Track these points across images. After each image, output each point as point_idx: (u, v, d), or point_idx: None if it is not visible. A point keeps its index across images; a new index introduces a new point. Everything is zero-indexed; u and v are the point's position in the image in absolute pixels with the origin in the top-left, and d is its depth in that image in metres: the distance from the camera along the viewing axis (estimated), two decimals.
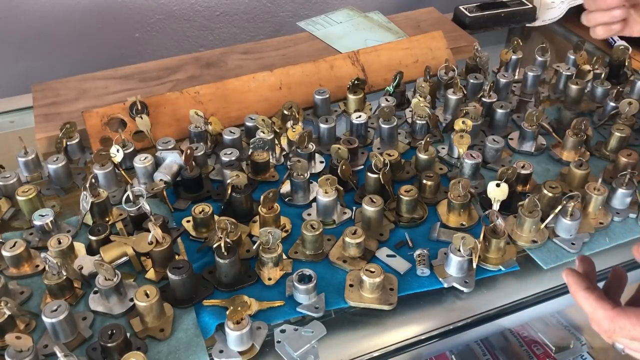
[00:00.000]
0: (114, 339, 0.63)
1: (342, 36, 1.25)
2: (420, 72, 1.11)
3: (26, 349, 0.61)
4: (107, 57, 1.29)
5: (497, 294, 0.75)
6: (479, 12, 1.33)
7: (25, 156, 0.91)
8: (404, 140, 1.00)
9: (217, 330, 0.69)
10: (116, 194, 0.88)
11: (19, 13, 1.19)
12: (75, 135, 0.95)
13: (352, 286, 0.74)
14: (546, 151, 0.98)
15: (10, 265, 0.76)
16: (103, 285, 0.70)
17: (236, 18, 1.39)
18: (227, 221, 0.75)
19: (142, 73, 1.14)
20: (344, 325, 0.71)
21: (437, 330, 0.71)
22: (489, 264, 0.77)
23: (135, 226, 0.80)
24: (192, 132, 0.96)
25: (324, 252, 0.79)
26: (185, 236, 0.82)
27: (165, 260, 0.75)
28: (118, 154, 0.89)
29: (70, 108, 1.04)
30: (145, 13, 1.29)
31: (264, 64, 1.16)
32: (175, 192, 0.89)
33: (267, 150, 0.92)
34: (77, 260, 0.76)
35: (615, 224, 0.85)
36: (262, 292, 0.74)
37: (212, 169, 0.94)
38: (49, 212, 0.80)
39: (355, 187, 0.89)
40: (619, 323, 0.54)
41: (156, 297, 0.68)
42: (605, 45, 1.29)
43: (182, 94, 1.01)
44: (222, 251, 0.73)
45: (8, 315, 0.66)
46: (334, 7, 1.45)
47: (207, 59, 1.18)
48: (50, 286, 0.71)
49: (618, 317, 0.54)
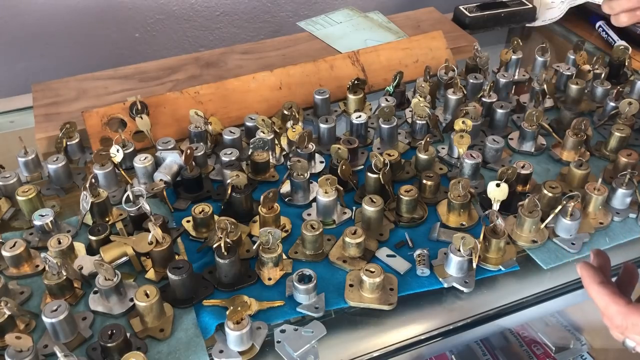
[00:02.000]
0: (114, 339, 0.63)
1: (342, 36, 1.25)
2: (420, 72, 1.11)
3: (26, 349, 0.61)
4: (107, 57, 1.29)
5: (497, 294, 0.75)
6: (479, 12, 1.33)
7: (25, 156, 0.91)
8: (404, 140, 1.00)
9: (217, 330, 0.69)
10: (116, 194, 0.88)
11: (19, 13, 1.19)
12: (75, 135, 0.95)
13: (352, 286, 0.74)
14: (546, 151, 0.98)
15: (10, 265, 0.76)
16: (103, 285, 0.70)
17: (236, 18, 1.39)
18: (227, 221, 0.75)
19: (142, 73, 1.14)
20: (344, 325, 0.71)
21: (437, 330, 0.71)
22: (489, 264, 0.77)
23: (135, 226, 0.80)
24: (192, 132, 0.96)
25: (324, 252, 0.79)
26: (185, 236, 0.82)
27: (165, 260, 0.75)
28: (118, 154, 0.89)
29: (70, 108, 1.04)
30: (145, 13, 1.29)
31: (264, 64, 1.16)
32: (175, 192, 0.89)
33: (267, 150, 0.92)
34: (77, 260, 0.76)
35: (615, 224, 0.85)
36: (262, 292, 0.74)
37: (212, 169, 0.94)
38: (49, 212, 0.80)
39: (355, 187, 0.89)
40: (632, 319, 0.54)
41: (156, 297, 0.68)
42: (605, 45, 1.29)
43: (182, 94, 1.01)
44: (222, 251, 0.73)
45: (8, 315, 0.66)
46: (334, 7, 1.45)
47: (207, 59, 1.18)
48: (50, 286, 0.71)
49: (631, 314, 0.54)
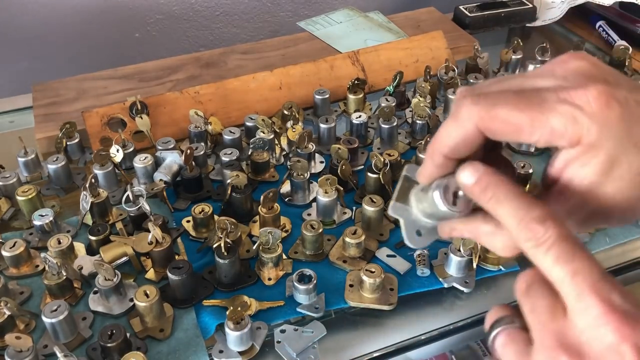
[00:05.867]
0: (113, 339, 0.63)
1: (342, 36, 1.25)
2: (420, 72, 1.11)
3: (26, 349, 0.61)
4: (106, 57, 1.29)
5: (497, 294, 0.75)
6: (479, 12, 1.33)
7: (25, 156, 0.91)
8: (404, 140, 1.00)
9: (217, 331, 0.69)
10: (116, 194, 0.88)
11: (19, 13, 1.19)
12: (75, 135, 0.95)
13: (352, 286, 0.74)
14: (546, 151, 0.98)
15: (10, 265, 0.76)
16: (103, 286, 0.70)
17: (236, 18, 1.39)
18: (227, 221, 0.75)
19: (142, 73, 1.13)
20: (344, 325, 0.71)
21: (437, 331, 0.71)
22: (489, 264, 0.77)
23: (135, 226, 0.80)
24: (192, 132, 0.96)
25: (324, 252, 0.79)
26: (185, 236, 0.82)
27: (165, 261, 0.75)
28: (118, 154, 0.89)
29: (70, 108, 1.04)
30: (145, 13, 1.29)
31: (264, 63, 1.16)
32: (175, 192, 0.89)
33: (267, 150, 0.92)
34: (77, 261, 0.76)
35: None
36: (262, 292, 0.74)
37: (212, 169, 0.94)
38: (49, 212, 0.80)
39: (355, 187, 0.89)
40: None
41: (156, 297, 0.68)
42: (606, 45, 1.29)
43: (182, 94, 1.01)
44: (222, 251, 0.73)
45: (8, 315, 0.66)
46: (334, 7, 1.45)
47: (207, 58, 1.18)
48: (50, 286, 0.71)
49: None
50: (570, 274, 0.35)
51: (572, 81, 0.40)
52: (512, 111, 0.39)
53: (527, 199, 0.37)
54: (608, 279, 0.34)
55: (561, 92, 0.39)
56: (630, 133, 0.38)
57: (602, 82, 0.39)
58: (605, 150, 0.38)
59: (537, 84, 0.40)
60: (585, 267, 0.35)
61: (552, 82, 0.40)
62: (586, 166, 0.39)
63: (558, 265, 0.35)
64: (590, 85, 0.38)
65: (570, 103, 0.38)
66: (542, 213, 0.36)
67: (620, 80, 0.40)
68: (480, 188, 0.39)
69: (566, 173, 0.40)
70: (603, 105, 0.38)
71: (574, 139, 0.38)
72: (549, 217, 0.36)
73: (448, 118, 0.42)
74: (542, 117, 0.38)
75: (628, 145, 0.38)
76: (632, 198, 0.39)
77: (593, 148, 0.38)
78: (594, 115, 0.38)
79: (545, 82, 0.40)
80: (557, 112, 0.38)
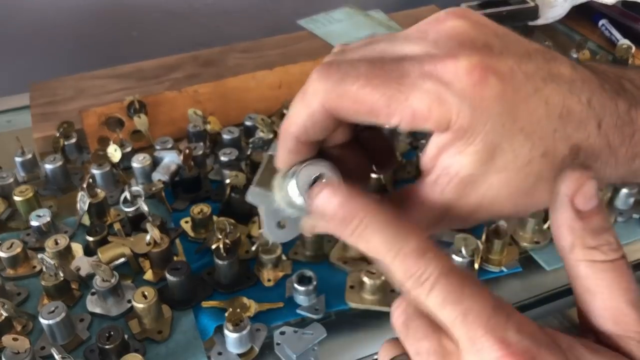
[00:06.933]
0: (111, 340, 0.63)
1: (343, 34, 1.24)
2: None
3: (23, 350, 0.61)
4: (104, 55, 1.28)
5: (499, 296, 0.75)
6: (481, 11, 1.32)
7: (23, 156, 0.90)
8: (405, 139, 0.99)
9: (216, 332, 0.68)
10: (114, 194, 0.87)
11: (15, 12, 1.18)
12: (73, 135, 0.94)
13: (353, 287, 0.73)
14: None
15: (7, 266, 0.75)
16: (101, 287, 0.69)
17: (235, 16, 1.38)
18: (226, 222, 0.74)
19: (140, 72, 1.13)
20: (344, 327, 0.71)
21: None
22: (491, 265, 0.77)
23: (133, 227, 0.79)
24: (190, 131, 0.95)
25: (324, 253, 0.78)
26: (184, 237, 0.81)
27: (164, 261, 0.74)
28: (116, 154, 0.88)
29: (68, 107, 1.03)
30: (143, 11, 1.28)
31: (263, 62, 1.15)
32: (173, 193, 0.88)
33: (266, 150, 0.92)
34: (75, 261, 0.75)
35: (619, 224, 0.84)
36: (262, 294, 0.73)
37: (211, 168, 0.93)
38: (46, 213, 0.79)
39: None
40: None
41: (154, 299, 0.67)
42: (609, 43, 1.29)
43: (180, 93, 1.00)
44: (221, 252, 0.72)
45: (5, 316, 0.65)
46: (334, 5, 1.44)
47: (206, 57, 1.17)
48: (47, 287, 0.70)
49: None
50: (461, 316, 0.29)
51: (443, 48, 0.32)
52: (363, 88, 0.31)
53: (402, 226, 0.30)
54: (501, 312, 0.30)
55: (427, 63, 0.31)
56: (515, 116, 0.31)
57: (480, 49, 0.31)
58: (482, 136, 0.31)
59: (403, 50, 0.33)
60: (476, 304, 0.30)
61: (421, 48, 0.33)
62: (461, 155, 0.32)
63: (446, 308, 0.29)
64: (462, 54, 0.31)
65: (436, 78, 0.31)
66: (421, 243, 0.30)
67: (509, 46, 0.32)
68: (339, 219, 0.31)
69: (440, 162, 0.33)
70: (476, 80, 0.30)
71: (442, 123, 0.31)
72: (429, 248, 0.30)
73: (298, 93, 0.35)
74: (401, 95, 0.31)
75: (512, 130, 0.31)
76: (521, 191, 0.33)
77: (466, 134, 0.31)
78: (464, 94, 0.30)
79: (413, 48, 0.33)
80: (419, 89, 0.31)
